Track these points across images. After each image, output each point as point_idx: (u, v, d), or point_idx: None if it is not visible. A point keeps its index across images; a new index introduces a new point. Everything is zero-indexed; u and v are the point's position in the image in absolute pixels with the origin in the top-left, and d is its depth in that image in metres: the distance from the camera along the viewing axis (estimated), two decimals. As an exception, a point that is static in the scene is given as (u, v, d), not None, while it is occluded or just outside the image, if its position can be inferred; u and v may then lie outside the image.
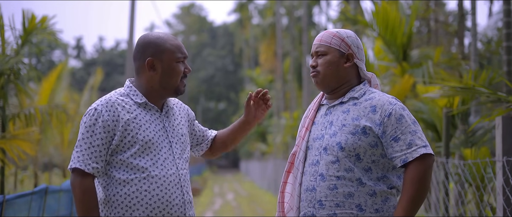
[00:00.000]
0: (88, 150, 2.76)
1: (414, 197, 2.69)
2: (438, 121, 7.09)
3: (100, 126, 2.78)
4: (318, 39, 2.95)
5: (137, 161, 2.79)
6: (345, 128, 2.81)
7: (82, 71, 62.77)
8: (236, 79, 66.90)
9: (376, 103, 2.82)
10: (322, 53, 2.92)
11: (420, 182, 2.70)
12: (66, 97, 17.88)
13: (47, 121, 8.24)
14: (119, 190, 2.78)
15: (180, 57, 2.91)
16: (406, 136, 2.74)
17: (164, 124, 2.92)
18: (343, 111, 2.87)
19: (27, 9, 7.95)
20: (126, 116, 2.82)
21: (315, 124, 2.96)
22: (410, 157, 2.72)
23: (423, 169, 2.71)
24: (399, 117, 2.77)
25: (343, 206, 2.77)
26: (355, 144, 2.77)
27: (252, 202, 20.10)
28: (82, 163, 2.74)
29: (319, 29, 34.65)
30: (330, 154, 2.81)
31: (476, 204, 6.10)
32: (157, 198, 2.78)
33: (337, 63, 2.90)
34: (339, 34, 2.93)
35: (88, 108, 2.86)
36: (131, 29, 20.84)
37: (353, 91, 2.91)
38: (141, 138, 2.80)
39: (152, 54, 2.88)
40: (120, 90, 2.94)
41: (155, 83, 2.90)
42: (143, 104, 2.89)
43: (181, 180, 2.87)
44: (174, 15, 72.88)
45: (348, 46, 2.91)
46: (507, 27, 7.10)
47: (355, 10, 14.95)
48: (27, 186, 14.19)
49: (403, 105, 2.85)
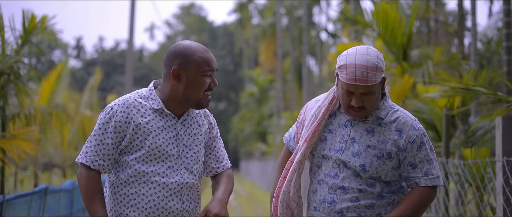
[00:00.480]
0: (97, 146, 2.82)
1: (411, 214, 2.78)
2: (438, 121, 7.09)
3: (112, 125, 2.82)
4: (364, 81, 2.71)
5: (140, 165, 2.81)
6: (370, 150, 2.79)
7: (82, 71, 62.76)
8: (236, 79, 66.91)
9: (401, 127, 2.82)
10: (370, 92, 2.76)
11: (420, 207, 2.79)
12: (66, 97, 17.87)
13: (47, 121, 8.24)
14: (120, 189, 2.84)
15: (206, 70, 2.85)
16: (423, 164, 2.82)
17: (178, 131, 2.89)
18: (367, 130, 2.83)
19: (27, 9, 7.96)
20: (139, 120, 2.83)
21: (331, 132, 2.89)
22: (423, 183, 2.81)
23: (427, 197, 2.81)
24: (420, 144, 2.82)
25: (365, 215, 2.81)
26: (379, 167, 2.80)
27: (252, 202, 20.10)
28: (88, 159, 2.81)
29: (319, 29, 34.63)
30: (348, 171, 2.82)
31: (476, 204, 6.10)
32: (153, 204, 2.80)
33: (379, 92, 2.84)
34: (380, 67, 2.75)
35: (107, 105, 2.91)
36: (131, 29, 20.83)
37: (378, 109, 2.84)
38: (148, 144, 2.81)
39: (179, 63, 2.85)
40: (142, 92, 2.93)
41: (178, 93, 2.87)
42: (159, 111, 2.88)
43: (183, 189, 2.86)
44: (174, 15, 72.89)
45: (383, 72, 2.81)
46: (507, 27, 7.10)
47: (355, 10, 14.96)
48: (27, 186, 14.19)
49: (424, 130, 2.88)
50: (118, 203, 2.84)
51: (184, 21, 70.84)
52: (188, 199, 2.89)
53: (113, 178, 2.87)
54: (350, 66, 2.73)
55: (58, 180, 18.95)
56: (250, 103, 46.01)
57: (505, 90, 7.21)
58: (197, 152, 2.93)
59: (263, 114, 43.23)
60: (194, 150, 2.93)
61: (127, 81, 20.97)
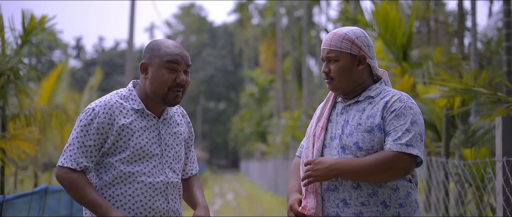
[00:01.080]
0: (80, 149, 2.77)
1: (363, 169, 2.68)
2: (438, 121, 7.09)
3: (95, 127, 2.78)
4: (328, 44, 2.86)
5: (125, 166, 2.79)
6: (360, 126, 2.78)
7: (82, 71, 62.76)
8: (236, 80, 66.91)
9: (388, 99, 2.80)
10: (334, 58, 2.85)
11: (379, 166, 2.67)
12: (66, 97, 17.87)
13: (47, 121, 8.24)
14: (105, 192, 2.80)
15: (170, 65, 2.80)
16: (397, 132, 2.71)
17: (160, 131, 2.88)
18: (358, 110, 2.84)
19: (26, 9, 7.97)
20: (121, 121, 2.80)
21: (331, 122, 2.91)
22: (388, 147, 2.70)
23: (392, 161, 2.67)
24: (400, 114, 2.74)
25: (369, 204, 2.75)
26: (372, 141, 2.74)
27: (252, 202, 20.10)
28: (73, 162, 2.75)
29: (319, 29, 34.63)
30: (349, 154, 2.78)
31: (476, 204, 6.09)
32: (140, 204, 2.78)
33: (350, 67, 2.84)
34: (348, 36, 2.84)
35: (87, 106, 2.86)
36: (131, 29, 20.83)
37: (369, 90, 2.86)
38: (132, 145, 2.79)
39: (147, 58, 2.86)
40: (122, 92, 2.91)
41: (147, 89, 2.86)
42: (140, 111, 2.86)
43: (168, 189, 2.85)
44: (174, 15, 72.87)
45: (359, 48, 2.84)
46: (507, 27, 7.09)
47: (355, 10, 14.96)
48: (27, 186, 14.18)
49: (413, 106, 2.79)
50: None
51: (184, 21, 70.81)
52: (173, 198, 2.88)
53: (96, 181, 2.81)
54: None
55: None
56: (250, 103, 46.01)
57: (505, 90, 7.21)
58: (178, 151, 2.93)
59: (263, 114, 43.24)
60: (175, 149, 2.92)
61: (127, 81, 20.96)
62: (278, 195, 21.41)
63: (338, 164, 2.72)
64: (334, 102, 2.97)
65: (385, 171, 2.68)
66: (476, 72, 6.53)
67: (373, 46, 2.91)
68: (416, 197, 2.82)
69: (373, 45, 2.94)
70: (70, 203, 7.43)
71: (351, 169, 2.70)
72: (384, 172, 2.68)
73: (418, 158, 2.72)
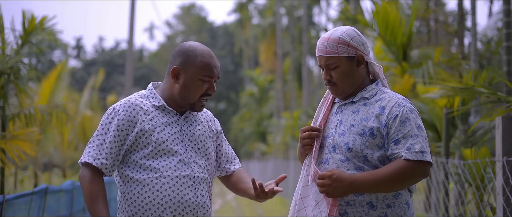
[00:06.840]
0: (99, 146, 2.83)
1: (382, 183, 2.66)
2: (438, 121, 7.09)
3: (115, 124, 2.84)
4: (324, 51, 2.82)
5: (150, 162, 2.83)
6: (353, 128, 2.77)
7: (82, 71, 62.76)
8: (236, 79, 66.91)
9: (385, 104, 2.77)
10: (333, 65, 2.82)
11: (397, 177, 2.66)
12: (66, 97, 17.87)
13: (47, 121, 8.25)
14: (133, 189, 2.83)
15: (205, 76, 2.87)
16: (407, 139, 2.70)
17: (181, 127, 2.92)
18: (353, 111, 2.83)
19: (27, 10, 7.98)
20: (142, 117, 2.86)
21: (328, 122, 2.91)
22: (404, 156, 2.68)
23: (409, 171, 2.66)
24: (404, 120, 2.72)
25: (354, 204, 2.74)
26: (362, 145, 2.73)
27: (252, 202, 20.08)
28: (90, 157, 2.81)
29: (319, 29, 34.66)
30: (339, 153, 2.77)
31: (476, 204, 6.10)
32: (169, 198, 2.80)
33: (351, 70, 2.82)
34: (343, 39, 2.81)
35: (109, 107, 2.94)
36: (131, 29, 20.83)
37: (364, 91, 2.85)
38: (154, 140, 2.83)
39: (180, 63, 2.89)
40: (142, 92, 2.98)
41: (175, 92, 2.91)
42: (161, 108, 2.91)
43: (196, 183, 2.87)
44: (174, 15, 72.89)
45: (356, 49, 2.82)
46: (507, 27, 7.09)
47: (355, 10, 14.97)
48: (27, 186, 14.20)
49: (413, 108, 2.79)
50: (132, 202, 2.82)
51: (184, 21, 70.81)
52: (201, 193, 2.89)
53: (123, 179, 2.87)
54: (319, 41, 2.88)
55: (58, 180, 18.97)
56: (250, 103, 46.02)
57: (505, 90, 7.21)
58: (201, 147, 2.95)
59: (263, 114, 43.24)
60: (199, 146, 2.94)
61: (127, 82, 20.93)
62: (278, 195, 21.41)
63: (357, 181, 2.68)
64: (333, 103, 2.96)
65: (406, 180, 2.68)
66: (476, 72, 6.54)
67: (367, 42, 2.91)
68: (407, 198, 2.79)
69: (367, 41, 2.93)
70: (70, 203, 7.42)
71: (370, 185, 2.68)
72: (405, 181, 2.68)
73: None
